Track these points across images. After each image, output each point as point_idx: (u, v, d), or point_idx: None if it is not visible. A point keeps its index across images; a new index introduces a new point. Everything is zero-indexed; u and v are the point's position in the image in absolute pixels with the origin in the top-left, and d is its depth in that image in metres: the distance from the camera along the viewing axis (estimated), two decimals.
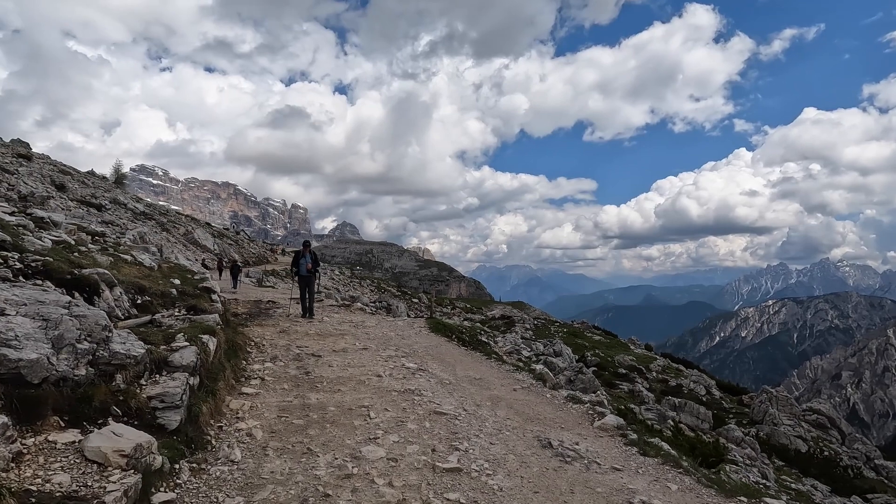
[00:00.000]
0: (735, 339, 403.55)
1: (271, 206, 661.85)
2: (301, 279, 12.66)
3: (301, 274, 12.67)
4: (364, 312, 12.71)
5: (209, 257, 24.96)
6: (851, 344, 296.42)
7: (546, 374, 8.27)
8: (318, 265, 12.87)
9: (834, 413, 17.61)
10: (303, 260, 12.66)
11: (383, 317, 12.40)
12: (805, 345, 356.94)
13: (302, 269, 12.62)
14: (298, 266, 12.70)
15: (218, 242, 33.34)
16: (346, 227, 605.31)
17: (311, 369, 6.97)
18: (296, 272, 12.84)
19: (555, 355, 22.27)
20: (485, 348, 9.63)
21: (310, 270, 12.50)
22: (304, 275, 12.61)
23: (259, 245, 50.62)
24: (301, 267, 12.66)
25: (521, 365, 8.46)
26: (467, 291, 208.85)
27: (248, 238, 55.46)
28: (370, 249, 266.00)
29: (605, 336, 33.80)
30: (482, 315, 45.22)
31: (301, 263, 12.69)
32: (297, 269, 12.77)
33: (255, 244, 50.07)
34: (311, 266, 12.49)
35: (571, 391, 6.67)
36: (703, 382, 19.96)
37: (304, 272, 12.59)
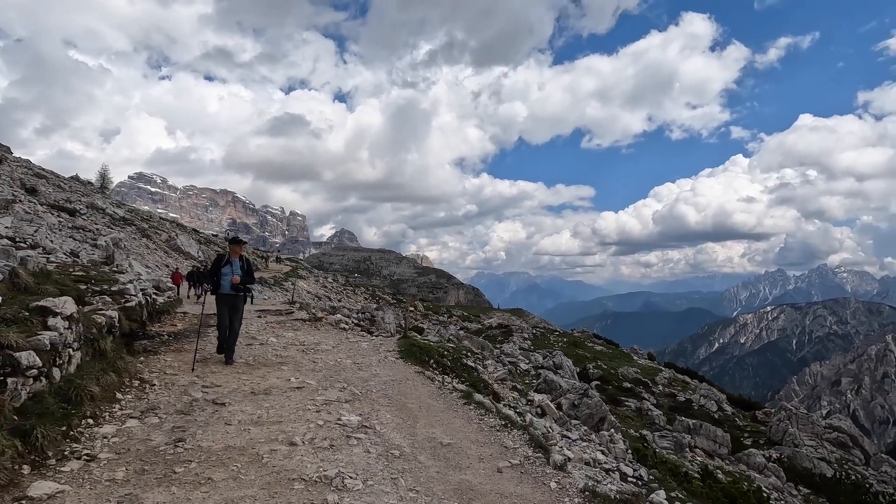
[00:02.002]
0: (734, 345, 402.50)
1: (269, 213, 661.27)
2: (222, 299, 7.86)
3: (221, 292, 7.85)
4: (335, 328, 11.08)
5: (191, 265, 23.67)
6: (850, 350, 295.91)
7: (549, 435, 5.90)
8: (251, 278, 8.27)
9: (856, 430, 16.38)
10: (227, 269, 7.92)
11: (352, 335, 10.56)
12: (804, 351, 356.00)
13: (224, 283, 7.85)
14: (219, 277, 7.90)
15: (203, 249, 32.08)
16: (344, 235, 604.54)
17: (189, 434, 4.65)
18: (210, 289, 8.09)
19: (555, 368, 20.95)
20: (469, 376, 7.83)
21: (237, 286, 7.85)
22: (225, 293, 7.84)
23: (249, 252, 49.37)
24: (224, 280, 7.86)
25: (513, 417, 5.85)
26: (466, 299, 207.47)
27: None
28: (368, 257, 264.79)
29: (607, 346, 32.51)
30: (479, 324, 43.92)
31: (224, 274, 7.90)
32: (215, 283, 7.94)
33: (246, 251, 48.88)
34: (241, 279, 7.90)
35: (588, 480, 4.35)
36: (714, 397, 18.69)
37: (228, 288, 7.83)
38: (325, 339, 9.80)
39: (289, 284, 34.40)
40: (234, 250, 8.17)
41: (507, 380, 8.89)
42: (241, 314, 8.22)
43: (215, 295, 8.01)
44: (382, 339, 10.07)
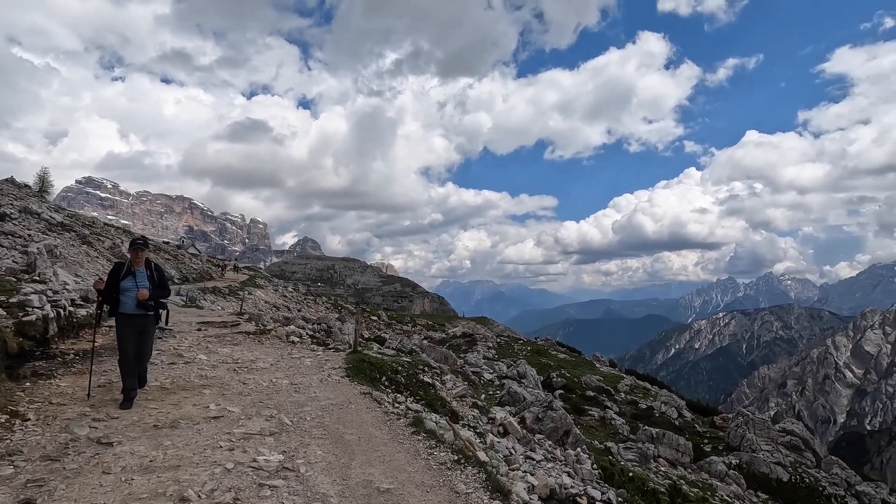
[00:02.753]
0: (689, 350, 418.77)
1: (229, 220, 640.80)
2: (125, 322, 5.97)
3: (123, 312, 5.97)
4: (283, 342, 10.21)
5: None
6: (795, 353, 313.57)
7: (511, 458, 5.23)
8: (164, 291, 6.43)
9: (807, 434, 16.89)
10: (129, 282, 6.01)
11: (299, 350, 9.65)
12: (753, 355, 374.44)
13: (127, 300, 5.97)
14: (118, 292, 5.97)
15: (152, 257, 30.28)
16: (307, 243, 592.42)
17: (46, 491, 3.58)
18: (109, 308, 6.06)
19: (519, 377, 20.71)
20: (426, 393, 7.10)
21: (145, 303, 5.99)
22: (129, 313, 5.98)
23: (203, 260, 47.15)
24: (126, 297, 5.97)
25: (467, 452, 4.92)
26: (431, 307, 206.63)
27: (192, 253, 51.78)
28: (332, 265, 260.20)
29: (570, 354, 32.71)
30: (444, 333, 43.47)
31: (125, 289, 5.99)
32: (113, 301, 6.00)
33: (199, 259, 46.59)
34: (150, 293, 6.08)
35: None
36: (674, 403, 18.92)
37: (132, 307, 5.98)
38: (266, 355, 8.83)
39: (244, 294, 32.93)
40: (137, 257, 6.17)
41: (466, 396, 8.33)
42: (150, 340, 6.35)
43: (115, 317, 6.01)
44: (331, 354, 9.33)
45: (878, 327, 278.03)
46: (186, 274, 33.53)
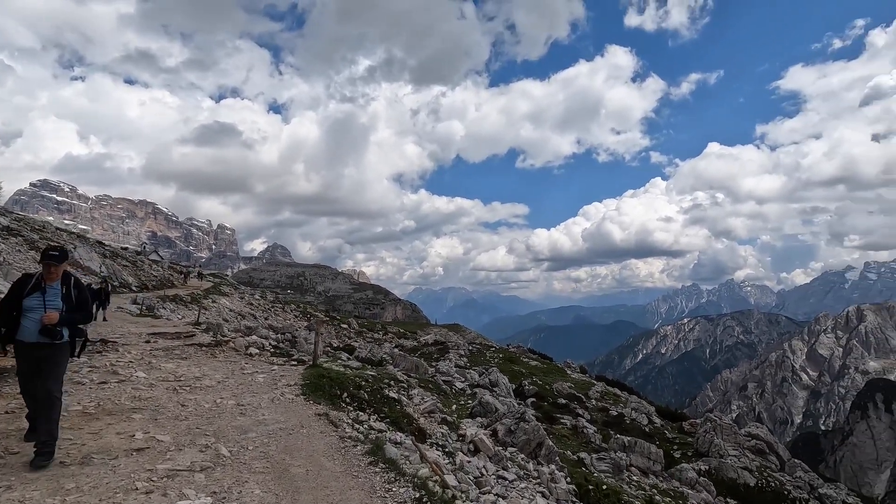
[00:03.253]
0: (656, 355, 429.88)
1: (195, 226, 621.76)
2: (24, 351, 4.67)
3: (21, 339, 4.65)
4: (240, 354, 9.47)
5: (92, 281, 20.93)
6: (755, 357, 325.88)
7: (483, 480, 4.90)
8: (84, 313, 4.99)
9: (772, 437, 17.28)
10: (34, 299, 4.71)
11: (256, 363, 8.93)
12: (717, 359, 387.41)
13: (28, 324, 4.65)
14: (20, 312, 4.68)
15: (108, 264, 28.74)
16: (277, 249, 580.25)
17: None
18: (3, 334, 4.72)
19: (491, 386, 20.49)
20: (391, 410, 6.58)
21: (52, 328, 4.62)
22: (29, 341, 4.64)
23: (164, 267, 45.27)
24: (27, 320, 4.66)
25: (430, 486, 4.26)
26: (403, 314, 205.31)
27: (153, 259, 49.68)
28: (302, 272, 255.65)
29: (542, 360, 32.76)
30: (415, 341, 42.97)
31: (30, 308, 4.69)
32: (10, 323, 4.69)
33: (160, 266, 44.71)
34: (61, 316, 4.71)
35: None
36: (643, 410, 19.07)
37: (32, 333, 4.63)
38: (216, 370, 8.07)
39: (208, 302, 31.68)
40: (50, 271, 4.75)
41: (435, 412, 7.89)
42: (59, 374, 4.69)
43: (13, 344, 4.65)
44: (290, 368, 8.68)
45: (831, 331, 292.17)
46: (146, 281, 32.04)
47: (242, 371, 8.32)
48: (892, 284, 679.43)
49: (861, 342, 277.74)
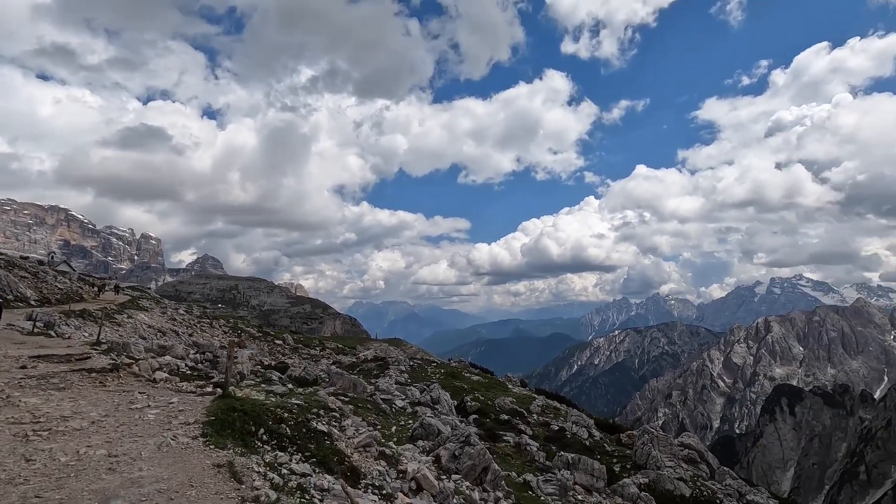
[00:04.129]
0: (590, 366, 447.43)
1: (115, 235, 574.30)
2: None
3: None
4: (141, 381, 7.89)
5: None
6: (678, 367, 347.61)
7: None
8: None
9: (702, 445, 17.93)
10: None
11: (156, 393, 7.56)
12: (645, 369, 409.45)
13: None
14: None
15: (1, 275, 25.30)
16: (207, 261, 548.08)
17: None
18: None
19: (432, 403, 19.85)
20: (319, 448, 5.50)
21: None
22: None
23: (72, 279, 40.88)
24: None
25: None
26: (342, 329, 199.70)
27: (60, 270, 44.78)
28: (235, 285, 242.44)
29: (483, 375, 32.57)
30: (354, 356, 41.48)
31: None
32: None
33: (68, 277, 40.33)
34: None
35: None
36: (583, 423, 19.23)
37: None
38: (95, 405, 6.40)
39: (122, 318, 28.78)
40: None
41: (372, 445, 6.94)
42: None
43: None
44: (196, 398, 7.17)
45: (743, 342, 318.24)
46: (48, 295, 28.57)
47: (131, 405, 6.66)
48: (794, 298, 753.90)
49: (768, 351, 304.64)
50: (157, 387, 7.96)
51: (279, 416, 6.01)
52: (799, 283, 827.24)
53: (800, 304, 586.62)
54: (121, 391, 7.47)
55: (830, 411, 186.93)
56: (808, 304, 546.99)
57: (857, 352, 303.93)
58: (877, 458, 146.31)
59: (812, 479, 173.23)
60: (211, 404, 6.70)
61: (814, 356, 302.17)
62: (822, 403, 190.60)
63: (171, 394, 7.58)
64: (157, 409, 6.76)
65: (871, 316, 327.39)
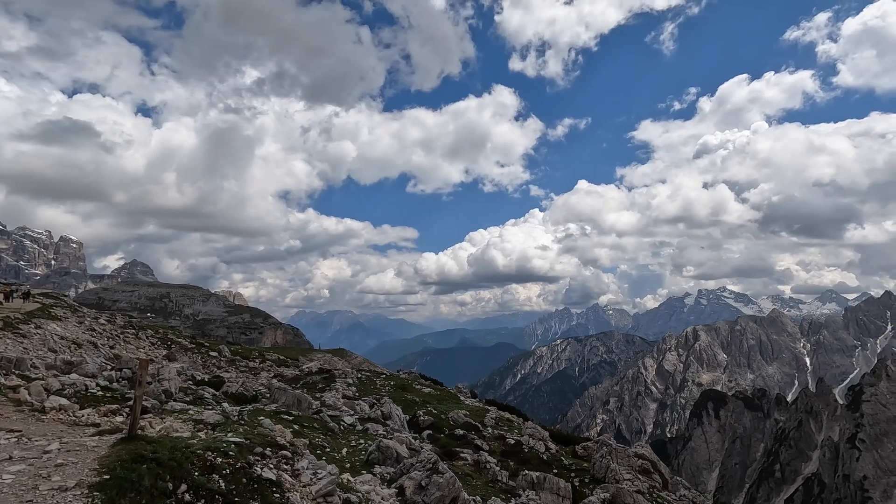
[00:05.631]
0: (533, 375, 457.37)
1: (29, 237, 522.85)
2: None
3: None
4: (19, 411, 5.76)
5: None
6: (615, 374, 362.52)
7: None
8: None
9: (654, 455, 18.04)
10: None
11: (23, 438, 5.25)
12: (584, 377, 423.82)
13: None
14: None
15: None
16: (136, 267, 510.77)
17: None
18: None
19: (384, 418, 18.73)
20: (266, 502, 4.18)
21: None
22: None
23: None
24: None
25: None
26: (284, 339, 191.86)
27: None
28: (167, 293, 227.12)
29: (434, 387, 31.66)
30: (297, 369, 39.23)
31: None
32: None
33: None
34: None
35: None
36: (539, 436, 18.81)
37: None
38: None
39: (29, 328, 25.37)
40: None
41: (334, 493, 5.55)
42: None
43: None
44: (86, 441, 4.96)
45: (674, 349, 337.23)
46: None
47: (18, 444, 4.72)
48: (718, 308, 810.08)
49: (696, 358, 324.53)
50: (43, 420, 5.85)
51: (210, 463, 4.28)
52: (723, 294, 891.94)
53: (723, 315, 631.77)
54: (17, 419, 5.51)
55: (750, 414, 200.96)
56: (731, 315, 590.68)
57: (772, 358, 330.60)
58: (790, 457, 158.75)
59: (734, 478, 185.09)
60: (109, 452, 4.57)
61: (736, 363, 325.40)
62: (743, 407, 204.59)
63: (58, 432, 5.37)
64: (20, 462, 4.45)
65: (784, 325, 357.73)
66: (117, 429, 5.39)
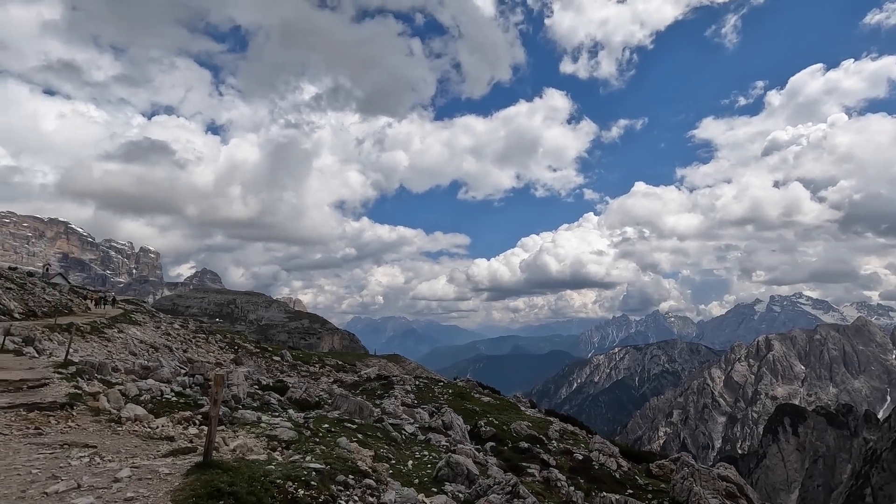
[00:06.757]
0: (590, 384, 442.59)
1: (114, 248, 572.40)
2: None
3: None
4: (96, 421, 5.63)
5: None
6: (679, 385, 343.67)
7: None
8: None
9: (740, 478, 16.42)
10: None
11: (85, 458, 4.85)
12: (645, 387, 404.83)
13: None
14: None
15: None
16: (206, 275, 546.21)
17: None
18: None
19: (445, 428, 18.29)
20: None
21: None
22: None
23: (63, 291, 39.32)
24: None
25: None
26: (341, 344, 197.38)
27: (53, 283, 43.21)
28: (233, 300, 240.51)
29: (493, 396, 30.89)
30: (356, 374, 39.75)
31: None
32: None
33: (58, 289, 38.76)
34: None
35: None
36: (608, 451, 17.66)
37: None
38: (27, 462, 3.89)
39: (112, 332, 27.18)
40: None
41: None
42: None
43: None
44: (157, 468, 4.38)
45: (744, 360, 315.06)
46: (34, 307, 27.03)
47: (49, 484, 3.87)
48: (794, 316, 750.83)
49: (770, 369, 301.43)
50: (118, 432, 5.54)
51: (291, 497, 3.78)
52: (798, 301, 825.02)
53: (800, 323, 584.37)
54: (57, 445, 4.88)
55: (834, 432, 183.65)
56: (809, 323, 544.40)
57: (858, 371, 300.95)
58: (882, 481, 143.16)
59: (817, 501, 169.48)
60: (182, 484, 4.13)
61: (816, 375, 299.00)
62: (825, 423, 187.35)
63: (132, 448, 4.98)
64: (89, 494, 3.87)
65: (872, 335, 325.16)
66: (191, 449, 5.06)
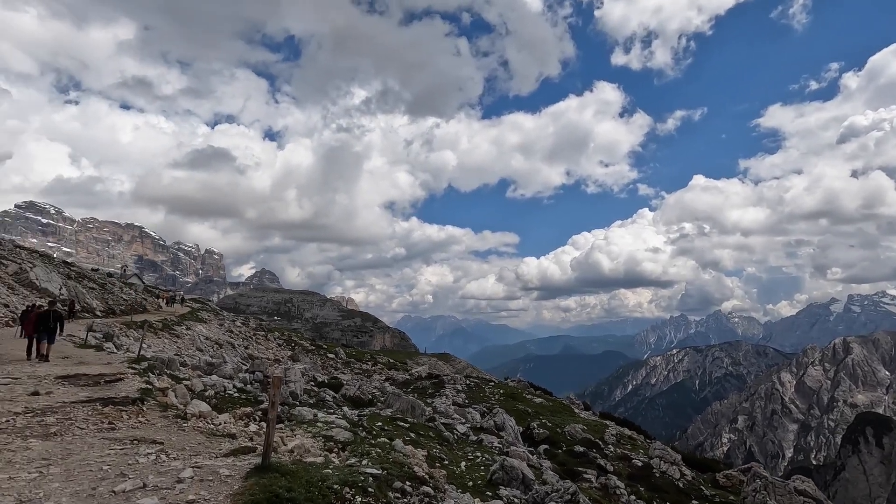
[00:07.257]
0: (646, 386, 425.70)
1: (182, 250, 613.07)
2: None
3: None
4: (163, 417, 5.98)
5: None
6: (744, 389, 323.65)
7: None
8: None
9: (820, 494, 15.10)
10: None
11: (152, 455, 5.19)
12: (706, 391, 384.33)
13: None
14: None
15: (69, 285, 26.04)
16: (265, 275, 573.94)
17: None
18: None
19: (497, 429, 18.08)
20: None
21: None
22: None
23: (138, 291, 42.33)
24: None
25: None
26: (391, 343, 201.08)
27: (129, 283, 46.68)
28: (290, 298, 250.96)
29: (546, 397, 30.29)
30: (407, 373, 40.26)
31: None
32: None
33: (133, 289, 41.80)
34: None
35: None
36: (670, 458, 16.76)
37: None
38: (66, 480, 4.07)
39: (181, 329, 28.97)
40: None
41: None
42: None
43: None
44: (218, 470, 4.56)
45: (819, 364, 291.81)
46: (113, 306, 29.28)
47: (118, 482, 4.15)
48: (876, 317, 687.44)
49: (849, 375, 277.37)
50: (184, 428, 5.91)
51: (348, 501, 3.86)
52: (882, 300, 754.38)
53: (884, 324, 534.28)
54: (128, 441, 5.30)
55: None
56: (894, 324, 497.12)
57: None
58: None
59: None
60: (241, 488, 4.24)
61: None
62: None
63: (196, 445, 5.28)
64: (153, 494, 4.16)
65: None
66: (251, 448, 5.23)
